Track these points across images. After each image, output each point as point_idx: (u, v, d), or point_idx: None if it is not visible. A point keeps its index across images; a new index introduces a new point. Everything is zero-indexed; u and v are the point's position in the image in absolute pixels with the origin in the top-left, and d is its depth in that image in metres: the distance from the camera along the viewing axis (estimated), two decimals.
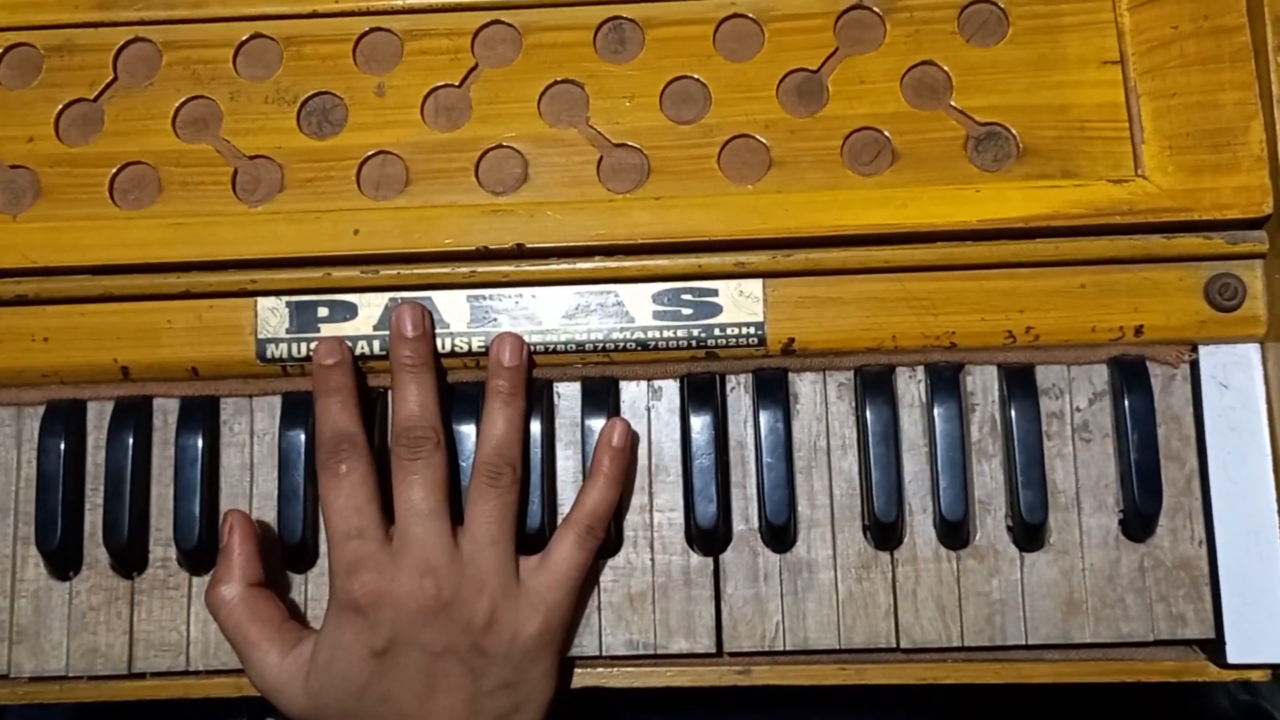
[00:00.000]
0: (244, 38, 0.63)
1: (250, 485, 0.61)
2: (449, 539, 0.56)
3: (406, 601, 0.54)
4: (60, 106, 0.62)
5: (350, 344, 0.60)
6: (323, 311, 0.60)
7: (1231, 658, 0.58)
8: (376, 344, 0.60)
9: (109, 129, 0.62)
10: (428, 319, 0.59)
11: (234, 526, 0.57)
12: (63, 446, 0.60)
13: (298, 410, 0.60)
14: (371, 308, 0.60)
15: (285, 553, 0.60)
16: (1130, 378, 0.59)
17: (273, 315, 0.60)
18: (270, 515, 0.60)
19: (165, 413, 0.61)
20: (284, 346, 0.60)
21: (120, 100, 0.62)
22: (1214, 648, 0.59)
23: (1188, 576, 0.59)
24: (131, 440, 0.60)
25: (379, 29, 0.63)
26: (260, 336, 0.60)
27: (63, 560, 0.60)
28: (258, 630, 0.56)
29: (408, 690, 0.54)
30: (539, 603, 0.56)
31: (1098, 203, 0.58)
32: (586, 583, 0.59)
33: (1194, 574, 0.59)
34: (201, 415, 0.60)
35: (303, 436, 0.60)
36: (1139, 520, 0.59)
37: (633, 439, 0.60)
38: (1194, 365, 0.60)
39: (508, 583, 0.56)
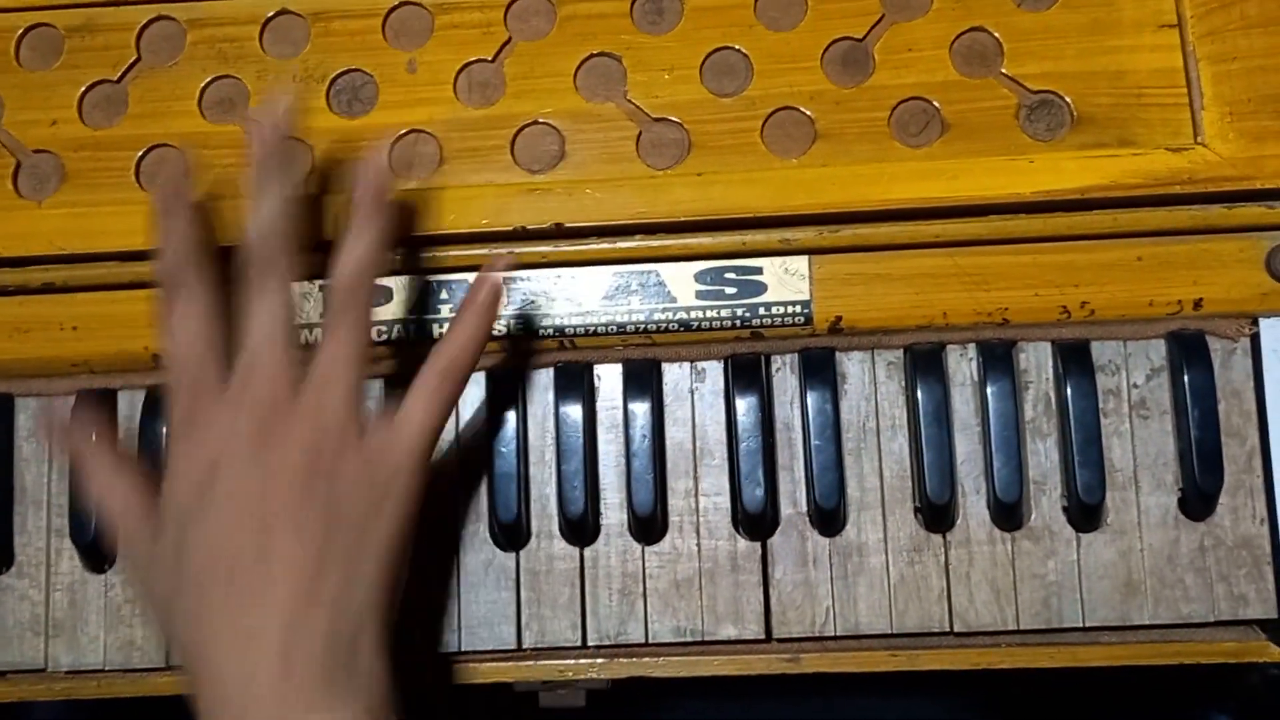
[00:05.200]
0: (270, 14, 0.61)
1: None
2: (290, 366, 0.50)
3: (244, 418, 0.50)
4: (83, 88, 0.61)
5: (384, 329, 0.59)
6: None
7: None
8: (413, 328, 0.59)
9: (133, 111, 0.60)
10: (285, 121, 0.54)
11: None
12: (94, 437, 0.59)
13: None
14: (406, 290, 0.59)
15: None
16: (1189, 353, 0.58)
17: (305, 300, 0.59)
18: None
19: None
20: (319, 332, 0.59)
21: (144, 81, 0.61)
22: (1275, 627, 0.57)
23: (1249, 555, 0.57)
24: (165, 429, 0.58)
25: (408, 3, 0.61)
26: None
27: (98, 553, 0.59)
28: (135, 503, 0.52)
29: (240, 524, 0.49)
30: (376, 462, 0.50)
31: (1156, 172, 0.57)
32: (631, 572, 0.58)
33: (1256, 553, 0.57)
34: None
35: None
36: (1199, 499, 0.57)
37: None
38: (1255, 339, 0.58)
39: (345, 429, 0.50)
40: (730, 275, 0.59)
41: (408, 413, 0.51)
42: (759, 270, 0.58)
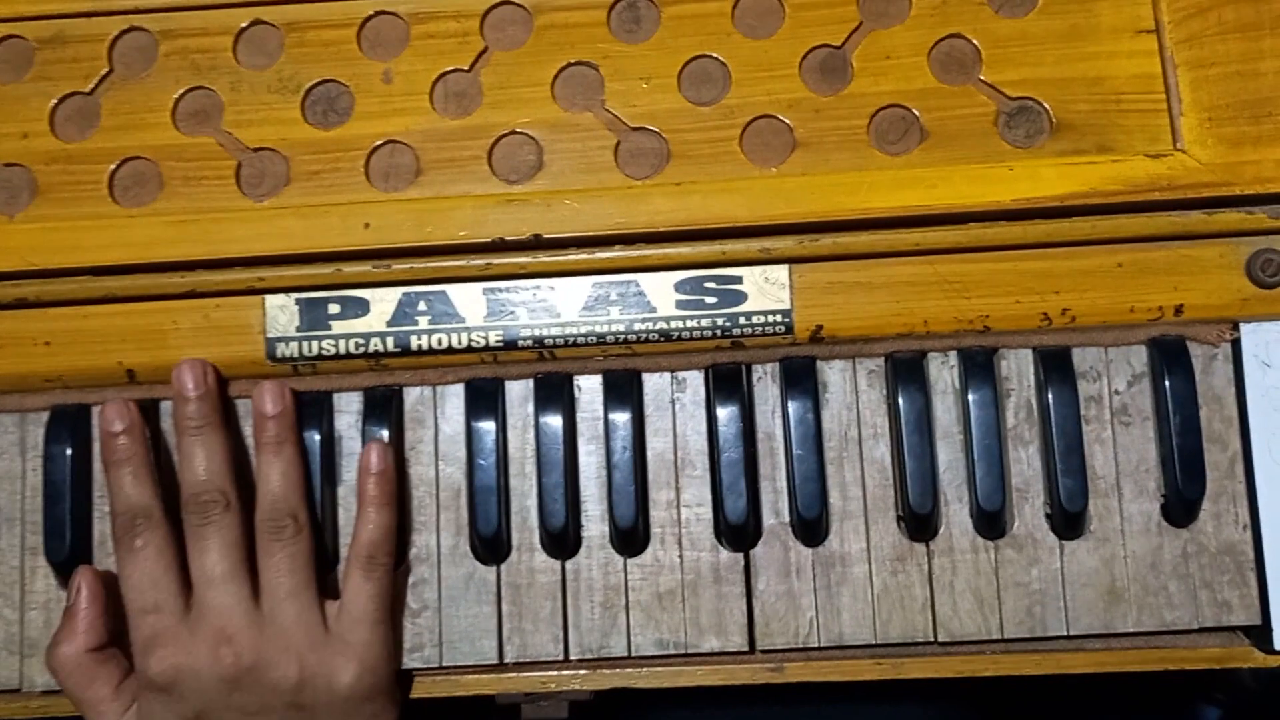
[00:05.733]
0: (243, 24, 0.60)
1: None
2: (247, 601, 0.54)
3: (207, 673, 0.53)
4: (55, 101, 0.60)
5: (362, 341, 0.58)
6: (334, 308, 0.58)
7: (1279, 644, 0.56)
8: (391, 341, 0.58)
9: (106, 123, 0.60)
10: (211, 374, 0.57)
11: (82, 586, 0.56)
12: (69, 453, 0.58)
13: (311, 411, 0.58)
14: (384, 303, 0.58)
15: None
16: (1170, 359, 0.57)
17: (282, 313, 0.58)
18: None
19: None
20: (295, 345, 0.58)
21: (117, 93, 0.60)
22: (1259, 633, 0.57)
23: (1232, 562, 0.57)
24: None
25: (383, 12, 0.60)
26: (270, 335, 0.58)
27: (72, 571, 0.58)
28: (94, 692, 0.55)
29: None
30: (347, 647, 0.55)
31: (1135, 179, 0.56)
32: (613, 585, 0.58)
33: (1239, 559, 0.57)
34: None
35: (317, 438, 0.58)
36: (1182, 505, 0.57)
37: (394, 458, 0.57)
38: (1235, 344, 0.58)
39: (313, 633, 0.55)
40: (710, 285, 0.58)
41: (349, 596, 0.56)
42: (739, 279, 0.58)
